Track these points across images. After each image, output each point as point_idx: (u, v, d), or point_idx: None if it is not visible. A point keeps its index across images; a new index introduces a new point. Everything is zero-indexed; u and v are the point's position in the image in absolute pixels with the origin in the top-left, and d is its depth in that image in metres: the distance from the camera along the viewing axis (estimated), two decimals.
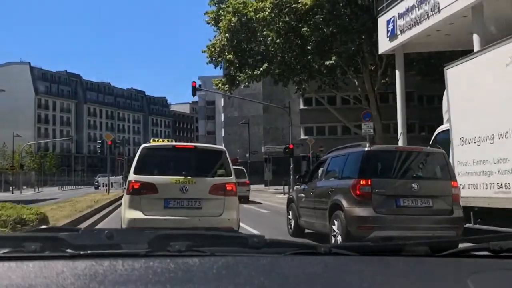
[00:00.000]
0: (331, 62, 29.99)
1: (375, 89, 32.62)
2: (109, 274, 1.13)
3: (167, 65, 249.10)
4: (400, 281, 1.21)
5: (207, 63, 35.49)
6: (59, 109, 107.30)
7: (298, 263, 1.27)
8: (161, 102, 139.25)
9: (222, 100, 77.79)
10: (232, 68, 34.42)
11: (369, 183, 8.53)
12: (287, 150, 35.23)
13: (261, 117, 61.50)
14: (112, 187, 33.47)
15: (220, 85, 35.70)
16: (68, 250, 1.23)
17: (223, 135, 76.69)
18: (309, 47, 30.44)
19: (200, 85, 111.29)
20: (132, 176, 8.64)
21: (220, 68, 38.17)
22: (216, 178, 8.81)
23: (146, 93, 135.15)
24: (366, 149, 9.17)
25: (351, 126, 35.84)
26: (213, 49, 34.28)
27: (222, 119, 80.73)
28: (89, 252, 1.23)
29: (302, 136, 49.02)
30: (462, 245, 1.51)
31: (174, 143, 10.09)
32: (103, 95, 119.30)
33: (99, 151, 32.12)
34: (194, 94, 33.62)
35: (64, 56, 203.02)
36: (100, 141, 31.72)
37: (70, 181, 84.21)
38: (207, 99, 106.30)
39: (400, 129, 21.56)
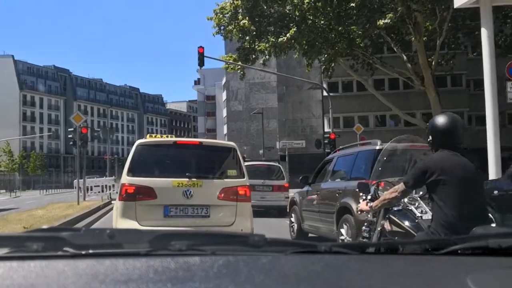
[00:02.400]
0: (385, 21, 24.19)
1: (433, 64, 26.63)
2: (110, 273, 1.21)
3: (163, 61, 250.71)
4: (399, 279, 1.31)
5: (213, 35, 29.01)
6: (47, 106, 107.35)
7: (299, 262, 1.36)
8: (156, 100, 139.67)
9: (224, 93, 76.44)
10: (247, 38, 27.80)
11: (382, 185, 8.53)
12: (326, 141, 29.93)
13: (271, 109, 57.33)
14: (92, 192, 26.92)
15: (231, 61, 29.57)
16: (70, 250, 1.31)
17: (225, 131, 74.98)
18: (353, 4, 24.67)
19: (199, 79, 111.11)
20: (125, 179, 7.89)
21: (230, 40, 30.89)
22: (226, 180, 8.10)
23: (141, 90, 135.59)
24: (377, 147, 8.97)
25: (402, 114, 31.45)
26: (221, 15, 27.91)
27: (224, 115, 79.87)
28: (90, 251, 1.32)
29: (326, 129, 43.17)
30: (461, 244, 1.61)
31: (175, 139, 9.15)
32: (94, 91, 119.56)
33: (71, 142, 23.74)
34: (201, 63, 27.38)
35: (52, 50, 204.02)
36: (71, 129, 23.81)
37: (59, 183, 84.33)
38: (206, 93, 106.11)
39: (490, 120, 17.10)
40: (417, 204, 4.98)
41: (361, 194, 5.69)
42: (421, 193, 4.92)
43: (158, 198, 7.70)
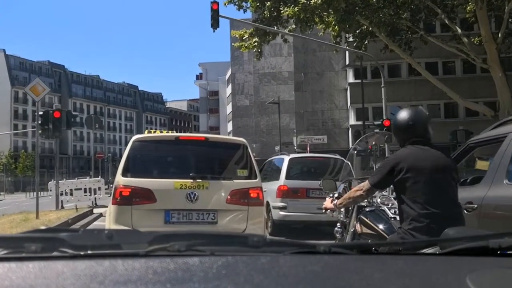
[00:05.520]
0: None
1: (499, 36, 22.99)
2: (109, 274, 1.26)
3: (163, 58, 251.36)
4: (399, 279, 1.37)
5: (225, 4, 24.93)
6: (40, 103, 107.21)
7: (298, 262, 1.42)
8: (156, 98, 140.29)
9: (229, 87, 75.44)
10: (267, 5, 24.38)
11: None
12: (377, 131, 22.12)
13: (283, 102, 53.31)
14: (73, 197, 22.23)
15: (247, 36, 25.87)
16: (68, 251, 1.37)
17: (230, 129, 73.21)
18: None
19: (201, 73, 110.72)
20: (120, 179, 7.35)
21: (244, 11, 26.24)
22: (236, 181, 7.57)
23: (140, 88, 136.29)
24: None
25: (462, 100, 27.13)
26: None
27: (228, 112, 79.15)
28: (89, 252, 1.37)
29: (352, 122, 40.63)
30: (461, 244, 1.68)
31: (177, 134, 8.61)
32: (90, 88, 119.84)
33: (39, 131, 18.92)
34: (215, 23, 21.30)
35: (47, 44, 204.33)
36: (41, 113, 19.52)
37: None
38: (209, 89, 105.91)
39: None
40: (390, 204, 4.95)
41: (327, 192, 5.70)
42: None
43: (157, 201, 7.23)
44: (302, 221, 13.24)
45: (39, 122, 19.17)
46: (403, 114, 4.34)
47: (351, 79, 40.81)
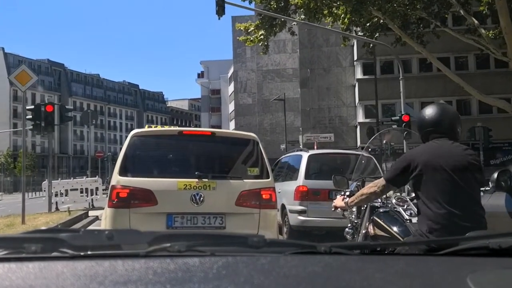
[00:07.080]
0: None
1: None
2: (109, 275, 1.28)
3: (164, 56, 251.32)
4: (399, 280, 1.39)
5: None
6: (40, 102, 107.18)
7: (298, 263, 1.44)
8: (157, 97, 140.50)
9: (231, 85, 75.03)
10: None
11: None
12: (395, 126, 20.65)
13: (287, 100, 51.27)
14: (68, 198, 21.66)
15: (252, 29, 24.78)
16: (68, 251, 1.39)
17: (232, 128, 73.47)
18: None
19: (202, 72, 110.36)
20: (116, 179, 6.74)
21: (250, 2, 24.73)
22: (246, 181, 6.97)
23: (141, 87, 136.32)
24: None
25: (487, 98, 25.69)
26: None
27: (230, 110, 78.84)
28: (89, 252, 1.39)
29: (360, 119, 39.91)
30: (461, 244, 1.70)
31: (180, 129, 7.76)
32: (90, 87, 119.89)
33: (30, 126, 18.90)
34: (220, 10, 20.49)
35: (46, 43, 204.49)
36: (32, 107, 18.76)
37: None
38: (211, 87, 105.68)
39: None
40: (406, 205, 4.73)
41: (338, 189, 5.53)
42: (413, 194, 4.45)
43: (159, 204, 6.64)
44: (324, 227, 11.70)
45: (30, 117, 18.06)
46: (428, 110, 4.16)
47: (359, 75, 40.13)
